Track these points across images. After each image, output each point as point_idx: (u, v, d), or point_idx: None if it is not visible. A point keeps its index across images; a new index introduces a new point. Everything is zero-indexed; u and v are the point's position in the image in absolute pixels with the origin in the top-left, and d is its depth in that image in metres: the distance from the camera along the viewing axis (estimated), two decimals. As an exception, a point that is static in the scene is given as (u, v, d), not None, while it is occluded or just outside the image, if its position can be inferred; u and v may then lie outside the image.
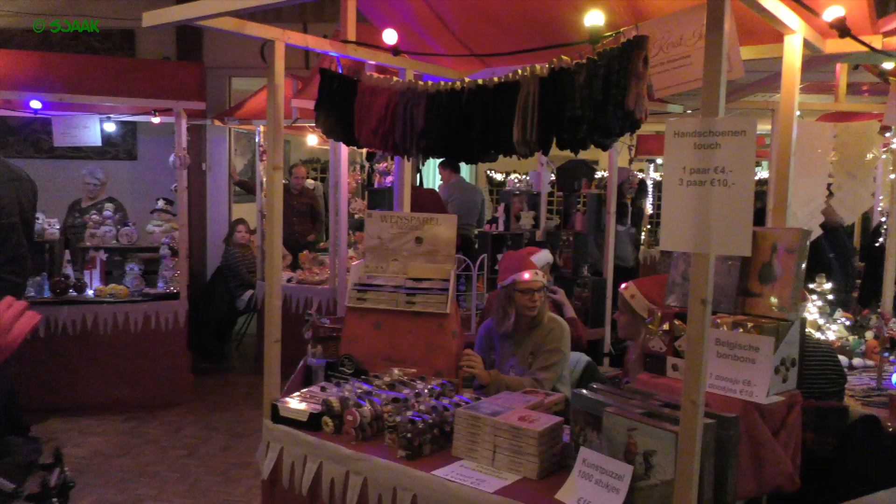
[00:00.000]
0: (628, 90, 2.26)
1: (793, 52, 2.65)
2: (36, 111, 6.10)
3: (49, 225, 6.26)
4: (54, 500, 3.68)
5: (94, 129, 6.62)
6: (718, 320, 2.32)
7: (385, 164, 7.10)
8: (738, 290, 2.40)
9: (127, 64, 7.19)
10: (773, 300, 2.31)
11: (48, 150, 8.24)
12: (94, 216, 6.45)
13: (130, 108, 6.49)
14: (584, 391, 2.37)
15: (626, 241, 7.76)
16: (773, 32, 2.68)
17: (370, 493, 2.54)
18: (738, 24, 2.68)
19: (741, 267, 2.39)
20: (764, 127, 7.16)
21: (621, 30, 2.47)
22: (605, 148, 2.48)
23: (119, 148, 8.59)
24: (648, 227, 10.44)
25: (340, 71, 3.24)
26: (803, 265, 2.31)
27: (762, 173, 9.80)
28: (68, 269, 6.02)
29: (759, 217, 2.67)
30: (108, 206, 6.70)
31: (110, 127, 7.15)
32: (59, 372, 5.79)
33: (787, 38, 2.65)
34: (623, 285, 3.13)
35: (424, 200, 4.11)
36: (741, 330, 2.26)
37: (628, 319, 3.07)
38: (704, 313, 1.87)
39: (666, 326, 2.45)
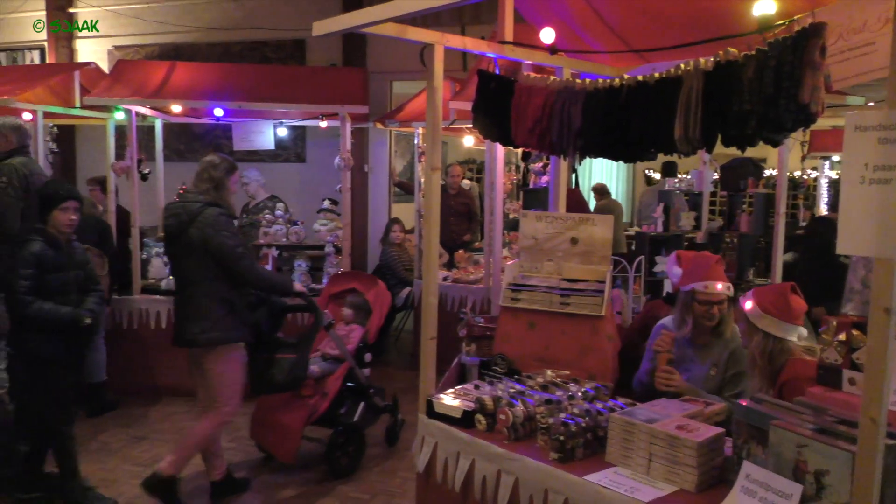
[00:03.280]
0: (803, 82, 2.12)
1: None
2: (218, 118, 6.63)
3: (226, 223, 6.76)
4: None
5: (268, 134, 7.11)
6: (904, 331, 2.12)
7: (540, 165, 7.08)
8: (930, 298, 2.18)
9: (297, 72, 7.59)
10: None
11: (228, 154, 8.89)
12: (266, 215, 6.90)
13: (300, 113, 6.89)
14: (750, 402, 2.24)
15: None
16: (976, 13, 2.41)
17: (521, 493, 2.55)
18: (932, 6, 2.44)
19: (933, 273, 2.17)
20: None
21: (795, 17, 2.32)
22: (775, 144, 2.35)
23: (290, 151, 9.12)
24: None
25: (497, 72, 3.26)
26: None
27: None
28: (242, 265, 6.47)
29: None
30: (280, 205, 7.15)
31: (282, 131, 7.67)
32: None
33: None
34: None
35: (568, 200, 4.03)
36: (932, 343, 2.05)
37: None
38: (888, 323, 1.73)
39: (842, 337, 2.27)
